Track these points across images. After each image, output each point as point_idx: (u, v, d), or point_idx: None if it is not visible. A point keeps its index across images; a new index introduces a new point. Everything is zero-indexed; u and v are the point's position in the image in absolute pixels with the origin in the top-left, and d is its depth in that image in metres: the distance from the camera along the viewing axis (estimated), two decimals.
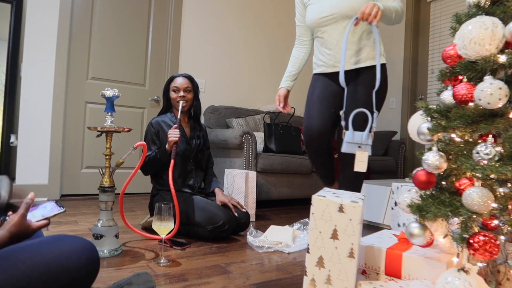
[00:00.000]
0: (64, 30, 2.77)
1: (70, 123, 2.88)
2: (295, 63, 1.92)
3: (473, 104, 0.91)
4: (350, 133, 1.48)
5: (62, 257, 0.75)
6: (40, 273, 0.71)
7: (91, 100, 2.97)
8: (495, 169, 0.82)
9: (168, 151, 1.82)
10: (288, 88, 1.91)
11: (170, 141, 1.78)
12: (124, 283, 0.95)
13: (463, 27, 0.90)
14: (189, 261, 1.43)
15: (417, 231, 0.97)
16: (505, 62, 0.87)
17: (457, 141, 0.97)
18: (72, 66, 2.87)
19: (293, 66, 1.92)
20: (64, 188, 2.85)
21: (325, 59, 1.77)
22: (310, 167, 2.96)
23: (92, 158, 2.96)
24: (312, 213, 1.01)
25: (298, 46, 1.94)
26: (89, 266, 0.79)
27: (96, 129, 1.50)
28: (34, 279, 0.70)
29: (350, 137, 1.48)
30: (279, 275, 1.31)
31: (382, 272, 1.07)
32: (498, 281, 0.95)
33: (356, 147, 1.47)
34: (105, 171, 1.52)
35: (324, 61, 1.78)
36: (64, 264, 0.75)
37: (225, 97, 3.57)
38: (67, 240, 0.79)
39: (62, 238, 0.80)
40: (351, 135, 1.48)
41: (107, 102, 1.55)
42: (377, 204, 2.27)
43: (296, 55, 1.93)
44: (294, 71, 1.92)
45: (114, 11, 3.05)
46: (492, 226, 0.87)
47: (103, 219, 1.48)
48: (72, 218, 2.09)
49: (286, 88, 1.90)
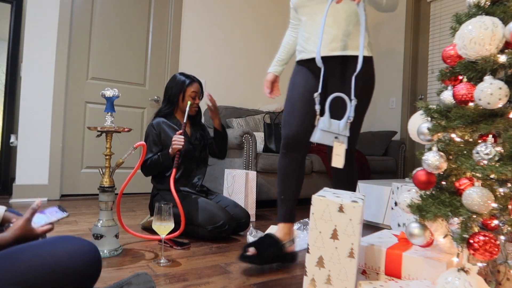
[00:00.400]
0: (64, 30, 2.77)
1: (70, 123, 2.88)
2: (284, 48, 1.76)
3: (473, 104, 0.91)
4: (326, 120, 1.24)
5: (64, 258, 0.76)
6: (42, 274, 0.71)
7: (91, 100, 2.97)
8: (495, 169, 0.82)
9: (171, 155, 1.82)
10: (275, 73, 1.74)
11: (174, 148, 1.77)
12: (124, 283, 0.95)
13: (463, 27, 0.90)
14: (189, 261, 1.43)
15: (417, 231, 0.97)
16: (505, 62, 0.87)
17: (457, 141, 0.97)
18: (72, 66, 2.88)
19: (283, 51, 1.76)
20: (64, 188, 2.85)
21: (304, 44, 1.54)
22: (310, 167, 2.96)
23: (92, 158, 2.96)
24: (312, 213, 1.01)
25: (289, 30, 1.78)
26: (91, 267, 0.79)
27: (96, 129, 1.50)
28: (36, 280, 0.70)
29: (326, 125, 1.24)
30: (279, 275, 1.31)
31: (382, 272, 1.07)
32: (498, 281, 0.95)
33: (332, 137, 1.24)
34: (105, 171, 1.52)
35: (304, 47, 1.54)
36: (66, 265, 0.75)
37: (225, 97, 3.57)
38: (69, 241, 0.80)
39: (64, 239, 0.80)
40: (327, 123, 1.24)
41: (107, 102, 1.55)
42: (377, 204, 2.27)
43: (287, 39, 1.77)
44: (283, 56, 1.76)
45: (114, 11, 3.05)
46: (492, 226, 0.87)
47: (103, 219, 1.48)
48: (72, 218, 2.09)
49: (273, 73, 1.74)
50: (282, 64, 1.77)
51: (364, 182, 2.42)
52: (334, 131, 1.24)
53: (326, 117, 1.25)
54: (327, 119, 1.24)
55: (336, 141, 1.24)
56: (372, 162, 3.37)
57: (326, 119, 1.24)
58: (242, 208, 1.92)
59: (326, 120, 1.24)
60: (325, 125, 1.24)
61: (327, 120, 1.24)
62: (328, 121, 1.24)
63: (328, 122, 1.24)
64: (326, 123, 1.24)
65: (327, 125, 1.24)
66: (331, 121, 1.24)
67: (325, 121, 1.24)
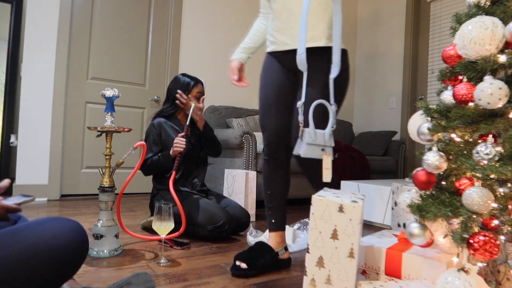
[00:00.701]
0: (64, 30, 2.77)
1: (70, 123, 2.88)
2: (254, 35, 1.59)
3: (473, 104, 0.90)
4: (312, 132, 1.13)
5: (48, 239, 0.74)
6: (26, 256, 0.71)
7: (91, 100, 2.97)
8: (495, 169, 0.82)
9: (172, 157, 1.82)
10: (241, 60, 1.58)
11: (175, 151, 1.78)
12: (124, 283, 0.95)
13: (463, 27, 0.90)
14: (189, 261, 1.43)
15: (417, 231, 0.97)
16: (505, 62, 0.87)
17: (457, 141, 0.97)
18: (72, 66, 2.88)
19: (251, 38, 1.59)
20: (64, 188, 2.85)
21: (277, 34, 1.39)
22: None
23: (92, 158, 2.96)
24: (312, 213, 1.01)
25: (260, 18, 1.62)
26: (76, 247, 0.78)
27: (96, 129, 1.50)
28: (20, 263, 0.70)
29: (312, 137, 1.13)
30: (279, 275, 1.31)
31: (382, 272, 1.07)
32: (498, 281, 0.95)
33: (319, 149, 1.13)
34: (105, 171, 1.52)
35: (276, 37, 1.39)
36: (51, 246, 0.74)
37: (225, 97, 3.57)
38: (53, 222, 0.79)
39: (48, 221, 0.79)
40: (313, 135, 1.13)
41: (107, 102, 1.55)
42: (377, 204, 2.27)
43: (257, 27, 1.60)
44: (250, 44, 1.59)
45: (114, 11, 3.05)
46: (492, 226, 0.87)
47: (103, 219, 1.48)
48: (72, 218, 2.09)
49: (238, 60, 1.58)
50: (249, 52, 1.61)
51: (364, 182, 2.42)
52: (320, 143, 1.14)
53: (311, 129, 1.13)
54: (312, 131, 1.13)
55: (323, 153, 1.14)
56: (372, 162, 3.37)
57: (312, 130, 1.13)
58: (242, 208, 1.92)
59: (311, 131, 1.13)
60: (311, 138, 1.13)
61: (312, 131, 1.13)
62: (314, 133, 1.13)
63: (314, 134, 1.14)
64: (312, 135, 1.13)
65: (313, 137, 1.13)
66: (316, 132, 1.14)
67: (310, 133, 1.13)
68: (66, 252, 0.76)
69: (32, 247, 0.73)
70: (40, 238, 0.74)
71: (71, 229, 0.79)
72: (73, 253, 0.78)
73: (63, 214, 2.18)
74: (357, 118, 4.46)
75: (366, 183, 2.36)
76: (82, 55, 2.92)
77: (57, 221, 0.80)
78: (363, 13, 4.45)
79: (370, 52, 4.32)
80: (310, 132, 1.13)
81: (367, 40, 4.37)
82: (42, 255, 0.73)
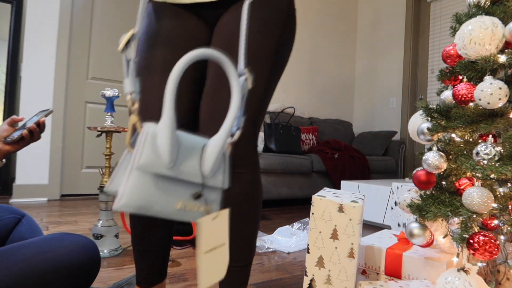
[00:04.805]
0: (64, 30, 2.77)
1: (70, 123, 2.88)
2: None
3: (473, 104, 0.91)
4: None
5: (64, 254, 0.76)
6: (42, 270, 0.72)
7: (91, 100, 2.97)
8: (495, 169, 0.82)
9: None
10: None
11: None
12: (124, 283, 0.95)
13: (463, 27, 0.90)
14: (189, 261, 1.42)
15: (417, 231, 0.97)
16: (505, 62, 0.87)
17: (457, 141, 0.97)
18: (72, 66, 2.88)
19: None
20: (64, 188, 2.85)
21: None
22: (310, 167, 2.96)
23: (92, 158, 2.96)
24: (312, 213, 1.01)
25: None
26: (90, 264, 0.79)
27: (96, 129, 1.50)
28: (35, 276, 0.71)
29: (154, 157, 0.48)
30: (279, 275, 1.31)
31: (382, 272, 1.07)
32: (498, 281, 0.95)
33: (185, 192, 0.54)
34: (105, 171, 1.52)
35: None
36: (66, 261, 0.75)
37: None
38: (69, 238, 0.80)
39: (64, 236, 0.81)
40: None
41: (107, 102, 1.55)
42: (377, 204, 2.27)
43: None
44: None
45: (114, 11, 3.05)
46: (492, 226, 0.87)
47: (103, 219, 1.48)
48: (72, 218, 2.09)
49: None
50: None
51: (364, 182, 2.42)
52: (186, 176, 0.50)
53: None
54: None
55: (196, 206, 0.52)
56: (372, 162, 3.37)
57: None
58: None
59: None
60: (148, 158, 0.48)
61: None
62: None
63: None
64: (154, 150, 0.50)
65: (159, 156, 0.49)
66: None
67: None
68: (79, 272, 0.78)
69: (53, 260, 0.74)
70: (59, 252, 0.76)
71: (90, 246, 0.82)
72: (88, 269, 0.80)
73: (63, 214, 2.18)
74: (357, 118, 4.46)
75: (366, 183, 2.36)
76: (82, 55, 2.92)
77: (74, 237, 0.82)
78: (363, 13, 4.45)
79: (370, 52, 4.32)
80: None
81: (367, 40, 4.37)
82: (63, 268, 0.75)
